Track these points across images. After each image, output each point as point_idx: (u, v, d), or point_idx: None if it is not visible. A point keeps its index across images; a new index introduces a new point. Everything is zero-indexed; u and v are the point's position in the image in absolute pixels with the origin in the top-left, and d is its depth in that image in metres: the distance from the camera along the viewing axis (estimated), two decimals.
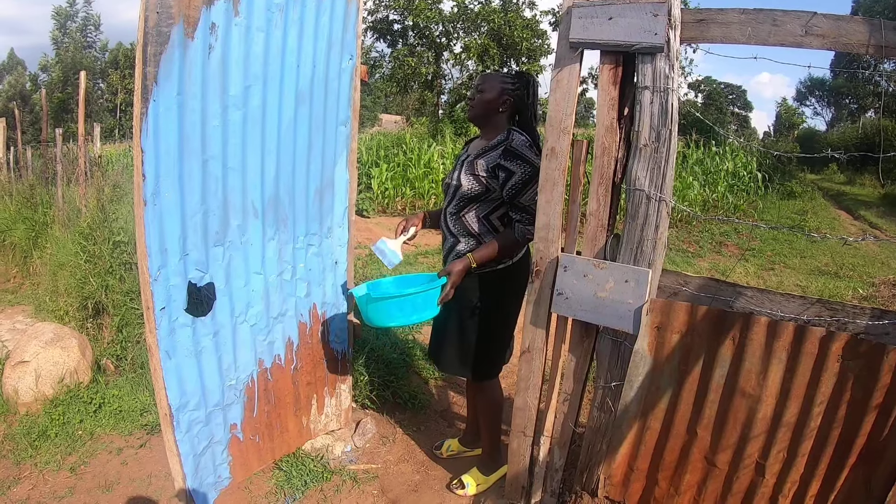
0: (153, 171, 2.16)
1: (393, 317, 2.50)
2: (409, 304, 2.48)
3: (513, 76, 2.69)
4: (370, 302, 2.54)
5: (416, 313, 2.51)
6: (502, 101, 2.66)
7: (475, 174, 2.63)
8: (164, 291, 2.31)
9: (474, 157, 2.68)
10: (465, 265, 2.58)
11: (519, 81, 2.69)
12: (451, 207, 2.75)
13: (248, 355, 2.76)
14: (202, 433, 2.61)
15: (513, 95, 2.66)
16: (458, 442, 3.37)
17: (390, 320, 2.53)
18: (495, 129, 2.70)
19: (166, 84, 2.13)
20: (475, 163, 2.65)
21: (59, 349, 3.77)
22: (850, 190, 21.61)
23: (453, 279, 2.56)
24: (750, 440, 2.14)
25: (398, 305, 2.48)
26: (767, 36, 1.95)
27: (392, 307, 2.49)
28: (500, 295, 2.76)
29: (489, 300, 2.74)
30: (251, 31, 2.37)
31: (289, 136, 2.69)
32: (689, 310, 2.16)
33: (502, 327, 2.85)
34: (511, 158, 2.56)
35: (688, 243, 9.78)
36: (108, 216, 5.08)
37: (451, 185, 2.76)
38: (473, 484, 3.01)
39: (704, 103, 42.65)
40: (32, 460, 3.13)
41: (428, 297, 2.51)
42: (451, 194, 2.74)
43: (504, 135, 2.64)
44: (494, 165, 2.58)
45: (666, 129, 2.09)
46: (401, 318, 2.51)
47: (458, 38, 24.53)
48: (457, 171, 2.74)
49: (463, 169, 2.69)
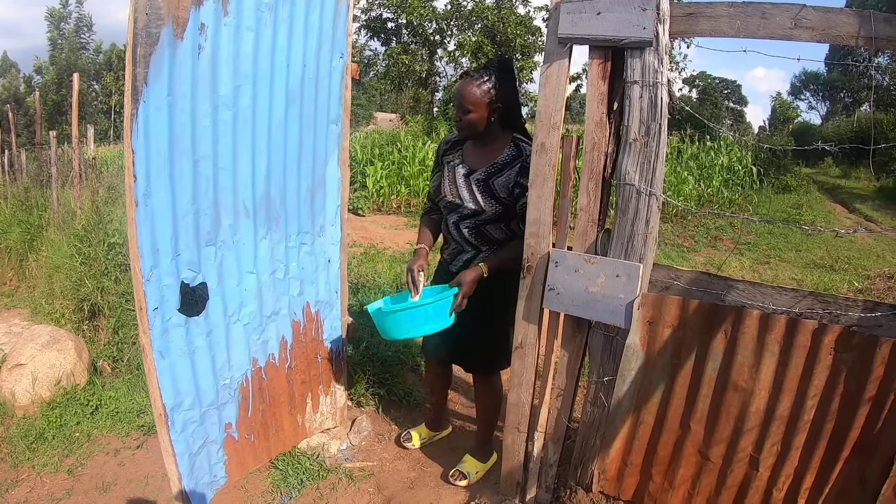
0: (144, 172, 2.15)
1: (407, 329, 2.55)
2: (422, 316, 2.52)
3: (488, 75, 2.58)
4: (383, 315, 2.58)
5: (429, 324, 2.55)
6: (490, 112, 2.60)
7: (497, 197, 2.63)
8: (156, 292, 2.30)
9: (486, 177, 2.65)
10: (478, 275, 2.59)
11: (496, 78, 2.58)
12: (466, 223, 2.74)
13: (241, 354, 2.76)
14: (197, 433, 2.61)
15: (500, 100, 2.59)
16: (426, 429, 3.42)
17: (405, 332, 2.58)
18: (493, 138, 2.68)
19: (156, 85, 2.12)
20: (492, 185, 2.63)
21: (55, 352, 3.77)
22: (845, 183, 21.65)
23: (465, 290, 2.57)
24: (743, 434, 2.15)
25: (410, 317, 2.52)
26: (757, 29, 1.96)
27: (404, 319, 2.52)
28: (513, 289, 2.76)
29: (505, 294, 2.73)
30: (241, 30, 2.36)
31: (279, 135, 2.68)
32: (681, 304, 2.17)
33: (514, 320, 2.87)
34: (528, 175, 2.48)
35: (682, 238, 9.79)
36: (103, 218, 5.08)
37: (461, 206, 2.72)
38: (473, 472, 3.04)
39: (699, 98, 42.67)
40: (30, 463, 3.13)
41: (439, 307, 2.54)
42: (465, 215, 2.72)
43: (513, 149, 2.64)
44: (513, 184, 2.60)
45: (655, 124, 2.09)
46: (414, 330, 2.57)
47: (452, 36, 24.48)
48: (465, 191, 2.69)
49: (475, 190, 2.66)
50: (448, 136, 2.93)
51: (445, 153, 2.86)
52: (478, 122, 2.60)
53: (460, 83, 2.61)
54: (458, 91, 2.61)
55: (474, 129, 2.63)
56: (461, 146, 2.81)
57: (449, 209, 2.79)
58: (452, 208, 2.76)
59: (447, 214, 2.82)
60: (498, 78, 2.59)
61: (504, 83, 2.60)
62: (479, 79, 2.57)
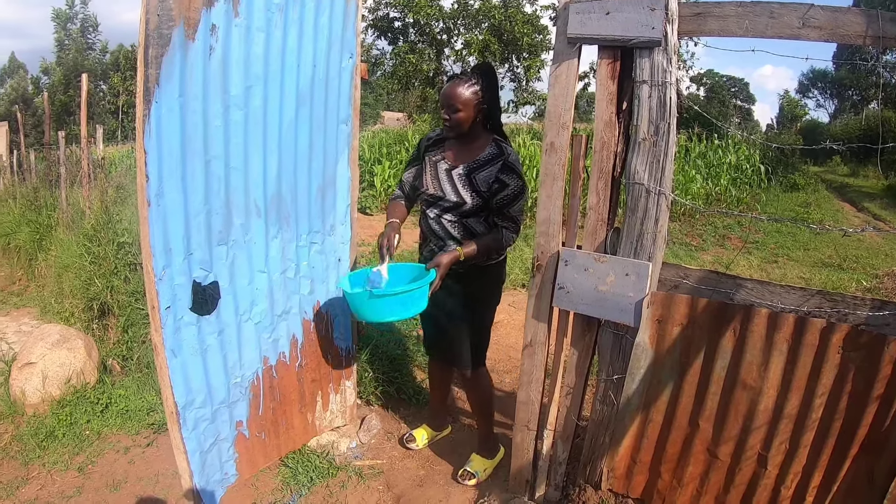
0: (156, 172, 2.17)
1: (385, 312, 2.56)
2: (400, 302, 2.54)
3: (477, 79, 2.70)
4: (362, 299, 2.58)
5: (409, 309, 2.57)
6: (477, 113, 2.70)
7: (477, 191, 2.71)
8: (168, 290, 2.32)
9: (467, 172, 2.74)
10: (454, 257, 2.65)
11: (485, 82, 2.70)
12: (448, 216, 2.80)
13: (252, 353, 2.78)
14: (208, 430, 2.63)
15: (485, 102, 2.70)
16: (429, 428, 3.45)
17: (382, 315, 2.58)
18: (475, 137, 2.77)
19: (168, 85, 2.14)
20: (473, 179, 2.72)
21: (65, 350, 3.79)
22: (853, 182, 21.55)
23: (442, 271, 2.63)
24: (752, 432, 2.16)
25: (390, 303, 2.53)
26: (765, 28, 1.96)
27: (384, 305, 2.54)
28: (494, 286, 2.96)
29: (485, 292, 2.91)
30: (251, 31, 2.38)
31: (290, 136, 2.70)
32: (690, 302, 2.17)
33: (493, 316, 3.02)
34: (508, 172, 2.67)
35: (691, 237, 9.77)
36: (112, 217, 5.10)
37: (442, 199, 2.80)
38: (481, 470, 3.07)
39: (707, 97, 42.53)
40: (40, 460, 3.15)
41: (422, 292, 2.57)
42: (446, 207, 2.79)
43: (495, 148, 2.74)
44: (493, 180, 2.68)
45: (664, 123, 2.10)
46: (391, 314, 2.58)
47: (459, 35, 24.52)
48: (447, 185, 2.78)
49: (458, 183, 2.75)
50: (430, 133, 3.02)
51: (428, 149, 2.93)
52: (465, 121, 2.68)
53: (450, 84, 2.71)
54: (448, 92, 2.69)
55: (460, 127, 2.71)
56: (443, 144, 2.89)
57: (430, 203, 2.86)
58: (433, 201, 2.84)
59: (427, 209, 2.89)
60: (483, 81, 2.70)
61: (488, 87, 2.71)
62: (468, 81, 2.67)
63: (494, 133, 2.79)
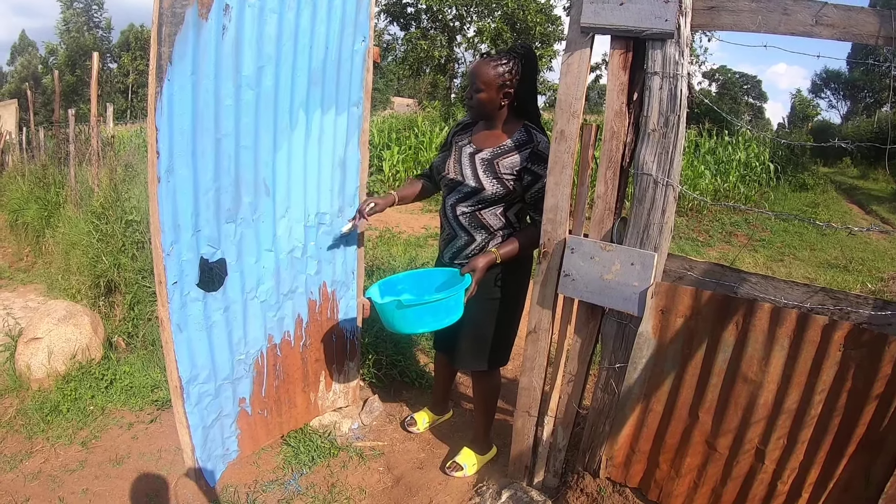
0: (167, 149, 2.19)
1: (416, 324, 2.42)
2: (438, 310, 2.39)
3: (508, 60, 2.55)
4: (392, 310, 2.41)
5: (443, 318, 2.42)
6: (502, 97, 2.57)
7: (499, 177, 2.59)
8: (176, 266, 2.35)
9: (491, 157, 2.61)
10: (490, 260, 2.57)
11: (515, 64, 2.55)
12: (463, 205, 2.70)
13: (258, 331, 2.80)
14: (211, 406, 2.66)
15: (512, 86, 2.56)
16: (430, 412, 3.46)
17: (416, 327, 2.44)
18: (503, 122, 2.66)
19: (180, 64, 2.15)
20: (496, 164, 2.59)
21: (71, 326, 3.83)
22: (863, 184, 21.40)
23: (478, 276, 2.54)
24: (751, 425, 2.17)
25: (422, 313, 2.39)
26: (777, 24, 1.95)
27: (417, 314, 2.39)
28: (521, 284, 2.83)
29: (512, 289, 2.77)
30: (264, 12, 2.38)
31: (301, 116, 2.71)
32: (694, 294, 2.18)
33: (520, 314, 2.88)
34: (539, 162, 2.53)
35: (697, 232, 9.77)
36: (121, 196, 5.12)
37: (461, 184, 2.68)
38: (470, 465, 3.04)
39: (718, 93, 42.38)
40: (44, 434, 3.19)
41: (452, 302, 2.42)
42: (465, 193, 2.68)
43: (524, 134, 2.60)
44: (521, 168, 2.57)
45: (674, 115, 2.10)
46: (425, 326, 2.43)
47: (472, 22, 24.43)
48: (468, 169, 2.65)
49: (479, 168, 2.62)
50: (463, 118, 2.92)
51: (456, 134, 2.85)
52: (486, 102, 2.58)
53: (476, 62, 2.60)
54: (473, 69, 2.60)
55: (482, 109, 2.61)
56: (471, 128, 2.80)
57: (450, 188, 2.75)
58: (453, 186, 2.73)
59: (447, 196, 2.78)
60: (518, 64, 2.56)
61: (523, 71, 2.57)
62: (497, 61, 2.54)
63: (527, 120, 2.65)
